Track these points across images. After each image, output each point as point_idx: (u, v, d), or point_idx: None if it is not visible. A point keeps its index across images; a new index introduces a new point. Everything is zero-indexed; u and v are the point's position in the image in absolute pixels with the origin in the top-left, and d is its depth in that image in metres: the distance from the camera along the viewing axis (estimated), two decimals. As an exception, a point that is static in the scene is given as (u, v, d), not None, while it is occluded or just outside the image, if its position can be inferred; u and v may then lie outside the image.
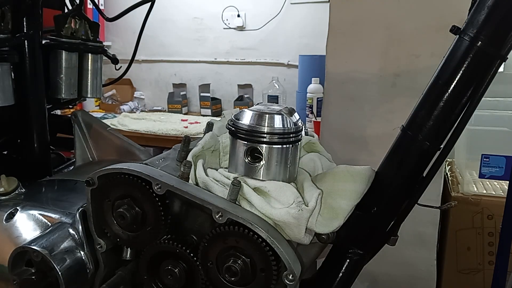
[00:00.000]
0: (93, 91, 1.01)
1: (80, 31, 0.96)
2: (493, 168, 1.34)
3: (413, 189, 0.61)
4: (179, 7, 2.81)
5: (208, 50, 2.83)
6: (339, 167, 0.60)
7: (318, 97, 2.08)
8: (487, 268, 1.33)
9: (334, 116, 1.38)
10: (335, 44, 1.35)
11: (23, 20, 0.86)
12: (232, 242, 0.51)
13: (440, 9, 1.21)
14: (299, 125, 0.57)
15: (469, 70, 0.55)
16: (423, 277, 1.36)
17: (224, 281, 0.52)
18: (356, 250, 0.63)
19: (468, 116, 0.57)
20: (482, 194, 1.34)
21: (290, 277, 0.49)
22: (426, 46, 1.22)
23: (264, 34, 2.68)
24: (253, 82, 2.76)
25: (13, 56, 0.83)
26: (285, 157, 0.55)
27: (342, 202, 0.56)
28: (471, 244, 1.35)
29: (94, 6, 1.06)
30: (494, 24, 0.54)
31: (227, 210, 0.50)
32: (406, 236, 0.94)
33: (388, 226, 0.63)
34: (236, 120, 0.56)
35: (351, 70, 1.33)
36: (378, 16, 1.29)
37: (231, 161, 0.58)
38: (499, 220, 1.02)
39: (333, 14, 1.34)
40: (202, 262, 0.54)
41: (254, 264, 0.50)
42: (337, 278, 0.63)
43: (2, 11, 0.81)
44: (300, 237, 0.52)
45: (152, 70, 2.97)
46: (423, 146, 0.58)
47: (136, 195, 0.56)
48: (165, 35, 2.85)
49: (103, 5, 2.74)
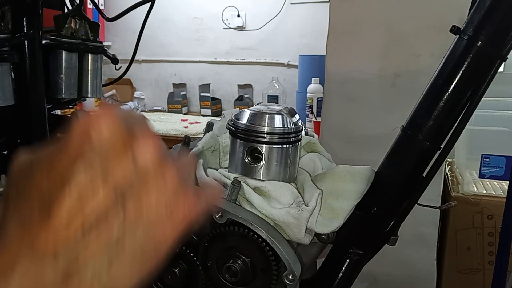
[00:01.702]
0: (93, 91, 1.01)
1: (80, 31, 0.96)
2: (493, 168, 1.34)
3: (413, 189, 0.61)
4: (179, 7, 2.81)
5: (208, 50, 2.83)
6: (339, 167, 0.60)
7: (318, 97, 2.08)
8: (487, 268, 1.33)
9: (334, 116, 1.38)
10: (335, 44, 1.35)
11: (23, 20, 0.86)
12: (232, 242, 0.51)
13: (440, 9, 1.21)
14: (299, 125, 0.57)
15: (469, 70, 0.55)
16: (423, 277, 1.36)
17: (224, 281, 0.52)
18: (356, 250, 0.63)
19: (468, 116, 0.57)
20: (482, 194, 1.34)
21: (290, 277, 0.49)
22: (426, 46, 1.23)
23: (264, 34, 2.68)
24: (253, 82, 2.76)
25: (13, 56, 0.83)
26: (285, 157, 0.55)
27: (342, 202, 0.56)
28: (471, 244, 1.35)
29: (94, 6, 1.06)
30: (494, 24, 0.54)
31: (227, 210, 0.50)
32: (406, 236, 0.94)
33: (388, 226, 0.63)
34: (236, 120, 0.56)
35: (351, 70, 1.33)
36: (378, 16, 1.29)
37: (231, 161, 0.58)
38: (499, 220, 1.02)
39: (333, 14, 1.34)
40: (202, 262, 0.54)
41: (254, 264, 0.50)
42: (337, 278, 0.63)
43: (2, 11, 0.81)
44: (300, 237, 0.52)
45: (152, 70, 2.97)
46: (423, 146, 0.58)
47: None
48: (165, 35, 2.85)
49: (103, 5, 2.74)
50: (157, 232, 0.26)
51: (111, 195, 0.24)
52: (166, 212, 0.26)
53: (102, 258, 0.24)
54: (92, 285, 0.24)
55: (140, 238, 0.25)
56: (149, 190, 0.26)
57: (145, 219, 0.25)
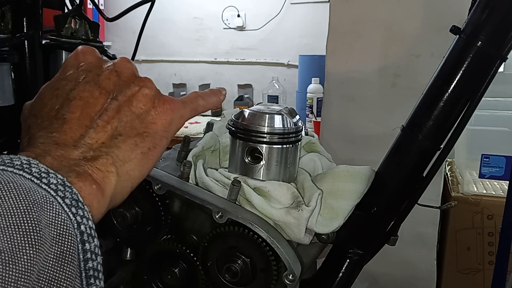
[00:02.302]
0: (93, 91, 1.01)
1: (80, 31, 0.96)
2: (493, 168, 1.34)
3: (413, 189, 0.61)
4: (179, 7, 2.81)
5: (208, 50, 2.83)
6: (339, 167, 0.60)
7: (318, 97, 2.08)
8: (487, 268, 1.33)
9: (334, 116, 1.39)
10: (335, 44, 1.35)
11: (23, 20, 0.86)
12: (232, 242, 0.51)
13: (440, 9, 1.21)
14: (300, 125, 0.57)
15: (469, 70, 0.55)
16: (423, 277, 1.36)
17: (224, 281, 0.52)
18: (356, 250, 0.63)
19: (468, 116, 0.57)
20: (482, 194, 1.34)
21: (290, 277, 0.49)
22: (426, 46, 1.23)
23: (264, 34, 2.68)
24: (253, 82, 2.76)
25: (13, 56, 0.83)
26: (285, 157, 0.55)
27: (342, 202, 0.56)
28: (471, 244, 1.35)
29: (94, 6, 1.06)
30: (494, 24, 0.54)
31: (227, 210, 0.50)
32: (406, 236, 0.94)
33: (388, 226, 0.63)
34: (236, 120, 0.56)
35: (351, 70, 1.33)
36: (378, 16, 1.29)
37: (231, 161, 0.58)
38: (499, 220, 1.02)
39: (333, 14, 1.34)
40: (202, 262, 0.54)
41: (254, 264, 0.50)
42: (337, 278, 0.63)
43: (2, 11, 0.81)
44: (300, 237, 0.52)
45: (152, 70, 2.97)
46: (423, 146, 0.58)
47: (136, 194, 0.56)
48: (165, 35, 2.85)
49: (103, 5, 2.74)
50: (147, 119, 0.34)
51: (108, 99, 0.33)
52: (151, 104, 0.35)
53: (110, 144, 0.32)
54: (106, 163, 0.31)
55: (134, 123, 0.34)
56: (134, 92, 0.35)
57: (135, 109, 0.34)
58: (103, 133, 0.32)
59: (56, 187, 0.26)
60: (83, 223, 0.27)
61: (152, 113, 0.35)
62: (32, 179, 0.26)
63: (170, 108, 0.36)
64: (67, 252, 0.25)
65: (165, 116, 0.35)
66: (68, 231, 0.25)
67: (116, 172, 0.32)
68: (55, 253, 0.24)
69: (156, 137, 0.35)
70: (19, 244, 0.22)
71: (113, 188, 0.31)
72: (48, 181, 0.26)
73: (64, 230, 0.25)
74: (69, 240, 0.25)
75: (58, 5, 1.03)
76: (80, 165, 0.30)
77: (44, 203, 0.25)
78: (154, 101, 0.35)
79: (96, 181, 0.30)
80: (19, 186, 0.24)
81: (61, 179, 0.27)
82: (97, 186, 0.30)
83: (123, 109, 0.33)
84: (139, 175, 0.34)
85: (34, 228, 0.23)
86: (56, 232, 0.25)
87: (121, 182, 0.32)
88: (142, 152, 0.33)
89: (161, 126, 0.35)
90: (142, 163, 0.33)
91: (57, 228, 0.25)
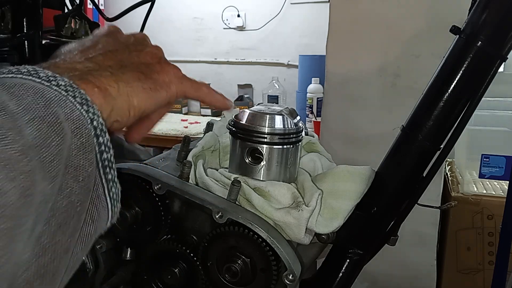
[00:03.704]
0: (93, 91, 1.01)
1: (80, 31, 0.95)
2: (493, 168, 1.34)
3: (413, 189, 0.61)
4: (179, 7, 2.81)
5: (208, 50, 2.83)
6: (339, 167, 0.60)
7: (318, 97, 2.08)
8: (487, 268, 1.33)
9: (334, 116, 1.39)
10: (335, 44, 1.35)
11: (23, 20, 0.86)
12: (232, 242, 0.51)
13: (440, 9, 1.21)
14: (300, 125, 0.57)
15: (469, 70, 0.55)
16: (423, 277, 1.36)
17: (224, 281, 0.52)
18: (356, 250, 0.63)
19: (468, 116, 0.57)
20: (482, 194, 1.34)
21: (290, 277, 0.49)
22: (426, 46, 1.23)
23: (264, 34, 2.68)
24: (253, 82, 2.76)
25: (13, 56, 0.83)
26: (285, 157, 0.55)
27: (342, 202, 0.56)
28: (471, 244, 1.35)
29: (94, 6, 1.06)
30: (494, 24, 0.54)
31: (227, 210, 0.50)
32: (406, 236, 0.94)
33: (388, 226, 0.63)
34: (236, 120, 0.56)
35: (351, 70, 1.33)
36: (378, 16, 1.29)
37: (231, 161, 0.58)
38: (499, 220, 1.02)
39: (333, 14, 1.34)
40: (202, 262, 0.54)
41: (254, 264, 0.50)
42: (337, 278, 0.63)
43: (2, 11, 0.81)
44: (300, 237, 0.52)
45: (152, 70, 2.97)
46: (423, 146, 0.58)
47: (136, 195, 0.56)
48: (165, 35, 2.85)
49: (103, 5, 2.74)
50: (152, 68, 0.38)
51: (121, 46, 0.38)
52: (157, 60, 0.39)
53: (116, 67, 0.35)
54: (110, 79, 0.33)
55: (140, 67, 0.37)
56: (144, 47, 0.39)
57: (143, 59, 0.38)
58: (111, 60, 0.35)
59: (66, 88, 0.29)
60: (95, 119, 0.29)
61: (157, 67, 0.38)
62: (42, 82, 0.28)
63: (172, 69, 0.39)
64: (86, 143, 0.28)
65: (167, 73, 0.38)
66: (84, 125, 0.28)
67: (117, 88, 0.33)
68: (76, 144, 0.27)
69: (157, 84, 0.37)
70: (46, 134, 0.25)
71: (113, 101, 0.33)
72: (57, 83, 0.28)
73: (80, 124, 0.28)
74: (85, 134, 0.28)
75: (58, 5, 1.03)
76: (84, 73, 0.32)
77: (59, 100, 0.27)
78: (160, 60, 0.39)
79: (98, 86, 0.32)
80: (32, 86, 0.27)
81: (68, 81, 0.29)
82: (99, 90, 0.32)
83: (132, 54, 0.37)
84: (137, 104, 0.35)
85: (56, 120, 0.26)
86: (74, 126, 0.27)
87: (121, 101, 0.34)
88: (143, 87, 0.36)
89: (162, 78, 0.38)
90: (142, 95, 0.35)
91: (74, 123, 0.27)
